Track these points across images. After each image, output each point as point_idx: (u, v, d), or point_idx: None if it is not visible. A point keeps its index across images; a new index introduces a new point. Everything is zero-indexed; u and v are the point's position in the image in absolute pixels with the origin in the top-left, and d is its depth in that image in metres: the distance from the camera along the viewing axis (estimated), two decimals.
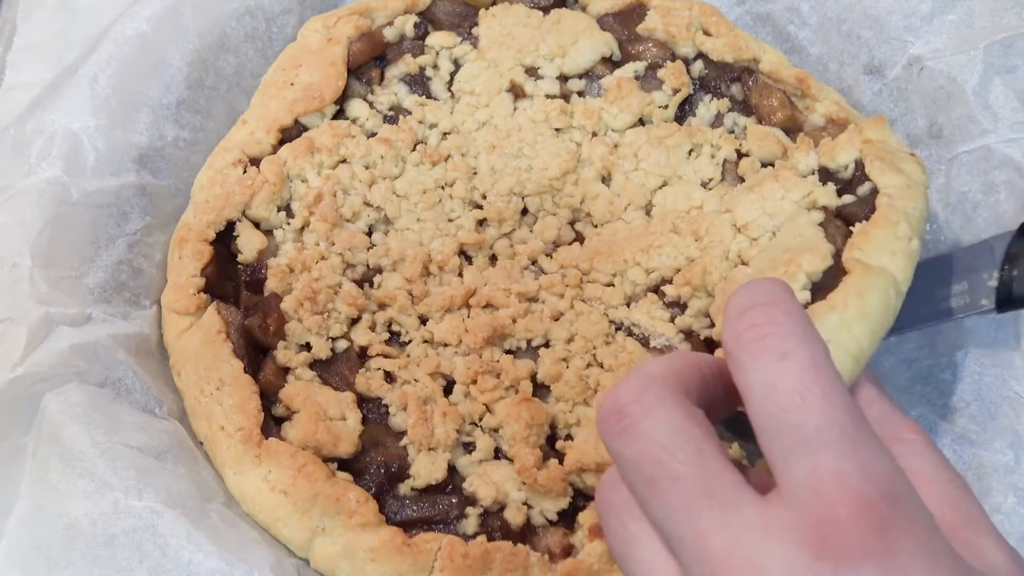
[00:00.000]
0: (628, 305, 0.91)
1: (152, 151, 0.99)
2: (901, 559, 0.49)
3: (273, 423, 0.88)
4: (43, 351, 0.83)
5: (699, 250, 0.88)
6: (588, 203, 1.00)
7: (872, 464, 0.51)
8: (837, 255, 0.82)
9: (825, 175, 0.92)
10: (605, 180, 1.02)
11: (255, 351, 0.92)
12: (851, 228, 0.85)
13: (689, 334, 0.87)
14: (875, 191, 0.86)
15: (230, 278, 0.97)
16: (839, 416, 0.53)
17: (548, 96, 1.06)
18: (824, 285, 0.80)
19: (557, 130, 1.04)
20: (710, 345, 0.86)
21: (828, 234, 0.84)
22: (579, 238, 1.00)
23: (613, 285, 0.92)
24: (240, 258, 0.96)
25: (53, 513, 0.75)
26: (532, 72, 1.08)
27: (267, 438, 0.85)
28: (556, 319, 0.94)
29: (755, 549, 0.51)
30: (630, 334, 0.90)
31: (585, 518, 0.84)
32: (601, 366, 0.92)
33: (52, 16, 1.05)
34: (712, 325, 0.86)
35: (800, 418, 0.53)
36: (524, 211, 1.01)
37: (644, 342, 0.89)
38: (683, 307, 0.88)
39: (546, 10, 1.12)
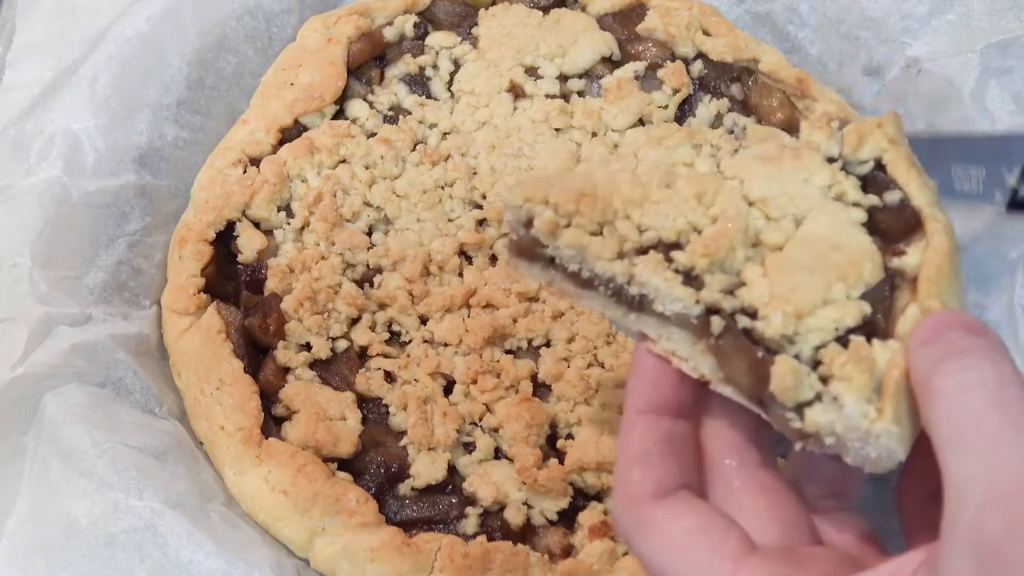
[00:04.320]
0: (621, 259, 0.72)
1: (152, 151, 0.99)
2: None
3: (273, 423, 0.88)
4: (43, 351, 0.82)
5: (707, 218, 0.73)
6: None
7: None
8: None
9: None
10: None
11: (255, 351, 0.92)
12: (892, 244, 0.75)
13: (715, 312, 0.69)
14: (906, 204, 0.76)
15: (230, 278, 0.97)
16: None
17: (548, 96, 1.06)
18: (876, 297, 0.71)
19: (557, 130, 1.04)
20: (749, 337, 0.69)
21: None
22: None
23: (601, 235, 0.73)
24: (240, 258, 0.96)
25: (53, 513, 0.75)
26: (532, 72, 1.08)
27: (267, 438, 0.85)
28: (556, 318, 0.94)
29: None
30: (618, 295, 0.72)
31: (585, 518, 0.84)
32: (602, 366, 0.92)
33: (51, 16, 1.04)
34: (752, 315, 0.69)
35: None
36: None
37: (638, 306, 0.71)
38: (695, 279, 0.70)
39: (546, 10, 1.12)
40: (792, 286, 0.68)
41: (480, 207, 1.00)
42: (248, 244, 0.96)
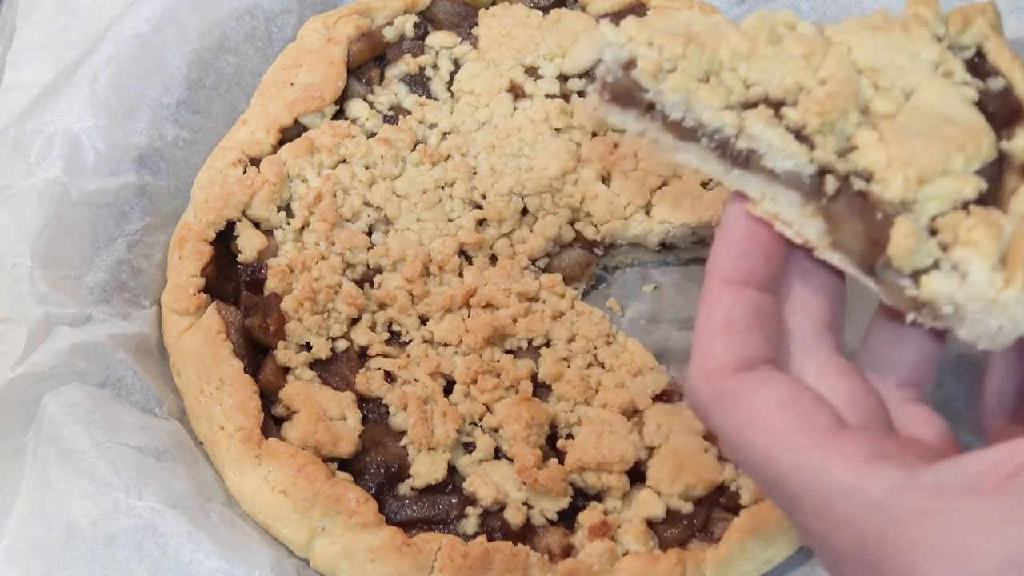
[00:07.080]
0: (728, 110, 0.68)
1: (152, 151, 0.99)
2: None
3: (273, 423, 0.88)
4: (43, 351, 0.83)
5: (815, 80, 0.69)
6: (588, 203, 1.01)
7: None
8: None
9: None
10: (605, 180, 1.02)
11: (255, 351, 0.92)
12: (998, 128, 0.71)
13: (829, 172, 0.65)
14: (1010, 91, 0.73)
15: (230, 278, 0.97)
16: None
17: (548, 96, 1.06)
18: (989, 176, 0.67)
19: (557, 130, 1.04)
20: (865, 199, 0.65)
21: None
22: None
23: (707, 81, 0.69)
24: (240, 258, 0.96)
25: (53, 513, 0.75)
26: (532, 72, 1.08)
27: (267, 438, 0.85)
28: (556, 318, 0.94)
29: None
30: (722, 149, 0.68)
31: (585, 518, 0.84)
32: (602, 366, 0.92)
33: (52, 16, 1.05)
34: (867, 179, 0.64)
35: None
36: (524, 211, 1.01)
37: (743, 162, 0.67)
38: (805, 139, 0.66)
39: (546, 10, 1.12)
40: (912, 152, 0.64)
41: (480, 207, 1.00)
42: (248, 244, 0.96)
